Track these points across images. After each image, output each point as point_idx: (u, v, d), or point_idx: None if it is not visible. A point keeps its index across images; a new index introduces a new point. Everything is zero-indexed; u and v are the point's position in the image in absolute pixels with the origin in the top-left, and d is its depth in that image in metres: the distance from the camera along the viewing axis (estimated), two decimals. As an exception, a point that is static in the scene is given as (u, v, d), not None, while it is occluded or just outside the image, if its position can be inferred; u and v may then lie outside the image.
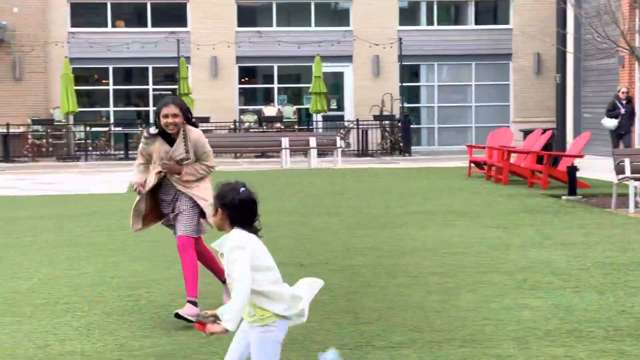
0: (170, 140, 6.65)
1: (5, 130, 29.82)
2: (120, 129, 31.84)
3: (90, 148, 31.40)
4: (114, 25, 33.87)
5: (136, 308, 7.15)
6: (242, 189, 4.14)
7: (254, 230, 4.15)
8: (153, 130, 6.82)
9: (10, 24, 31.70)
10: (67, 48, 32.26)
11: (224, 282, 6.47)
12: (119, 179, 21.49)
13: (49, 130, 31.39)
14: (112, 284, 8.22)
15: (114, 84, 34.50)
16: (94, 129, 32.23)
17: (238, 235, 4.11)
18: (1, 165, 28.70)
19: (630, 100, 22.28)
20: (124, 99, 35.96)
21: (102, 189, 19.56)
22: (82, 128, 31.97)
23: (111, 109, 34.67)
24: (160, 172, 6.66)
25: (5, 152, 29.99)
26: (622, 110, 21.57)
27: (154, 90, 34.60)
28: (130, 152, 30.40)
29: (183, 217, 6.57)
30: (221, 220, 4.25)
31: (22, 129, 30.87)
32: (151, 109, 33.73)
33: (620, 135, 21.12)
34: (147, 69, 34.34)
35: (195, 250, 6.66)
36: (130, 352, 5.69)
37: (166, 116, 6.51)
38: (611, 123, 21.50)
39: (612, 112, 21.64)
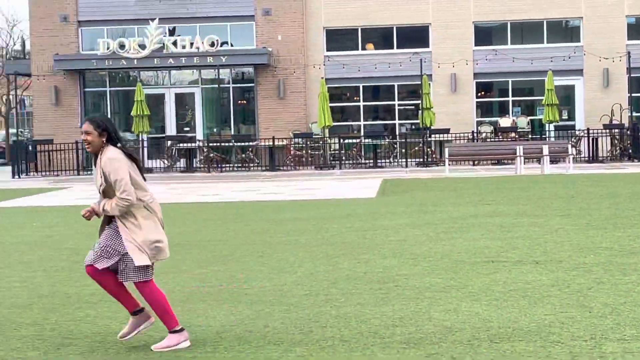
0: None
1: (271, 143, 32.37)
2: (369, 140, 33.11)
3: (343, 157, 33.13)
4: (363, 48, 35.72)
5: (386, 299, 7.47)
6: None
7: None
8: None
9: (275, 50, 34.20)
10: (323, 70, 34.23)
11: (133, 314, 6.07)
12: (369, 185, 23.11)
13: (308, 142, 33.62)
14: (364, 279, 8.61)
15: (364, 100, 36.53)
16: (346, 141, 33.96)
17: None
18: (268, 173, 30.87)
19: None
20: (372, 113, 37.71)
21: (354, 194, 20.65)
22: (336, 140, 33.48)
23: (361, 122, 36.64)
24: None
25: (272, 162, 32.43)
26: None
27: (399, 105, 36.65)
28: (378, 161, 32.14)
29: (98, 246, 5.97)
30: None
31: (285, 142, 33.33)
32: (397, 122, 35.78)
33: None
34: (393, 86, 36.16)
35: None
36: (382, 338, 5.96)
37: (82, 134, 6.09)
38: None
39: None
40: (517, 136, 32.04)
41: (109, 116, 37.59)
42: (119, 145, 5.87)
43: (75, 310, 7.31)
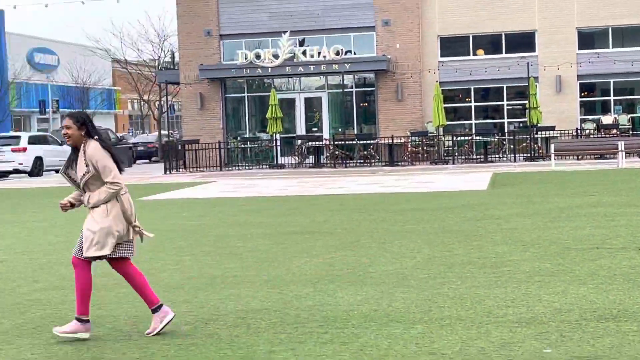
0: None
1: (390, 141, 33.68)
2: (480, 137, 34.74)
3: (456, 153, 34.47)
4: (475, 54, 37.61)
5: (499, 282, 7.60)
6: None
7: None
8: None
9: (394, 57, 36.27)
10: (437, 74, 35.53)
11: (153, 311, 6.19)
12: (480, 178, 23.65)
13: (423, 140, 34.72)
14: (478, 264, 8.80)
15: (475, 101, 38.25)
16: (459, 138, 35.23)
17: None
18: (387, 168, 32.23)
19: None
20: (482, 113, 39.16)
21: (467, 187, 20.92)
22: (449, 138, 35.06)
23: (472, 121, 38.26)
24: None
25: (391, 158, 33.77)
26: None
27: (507, 105, 38.05)
28: (488, 156, 33.13)
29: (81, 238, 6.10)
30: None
31: (403, 140, 34.51)
32: (505, 120, 36.83)
33: None
34: (502, 88, 37.57)
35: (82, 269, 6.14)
36: (496, 317, 6.09)
37: (62, 128, 6.43)
38: None
39: None
40: (618, 132, 33.13)
41: (246, 119, 38.98)
42: (96, 137, 6.04)
43: (221, 289, 7.67)
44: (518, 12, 36.17)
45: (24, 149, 36.06)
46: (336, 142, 35.07)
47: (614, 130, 33.66)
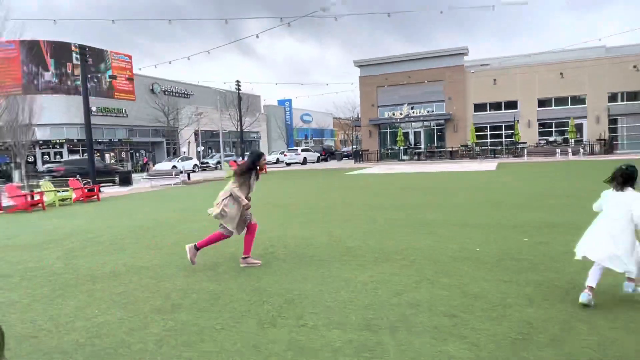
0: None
1: (451, 149, 42.20)
2: (492, 147, 42.83)
3: (480, 154, 41.37)
4: (490, 110, 45.66)
5: (496, 209, 9.41)
6: None
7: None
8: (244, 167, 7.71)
9: (454, 113, 45.55)
10: (472, 119, 45.49)
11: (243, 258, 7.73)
12: (491, 166, 26.42)
13: (466, 148, 42.93)
14: (487, 203, 11.01)
15: (490, 131, 46.04)
16: (482, 148, 42.67)
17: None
18: (449, 160, 38.43)
19: None
20: (493, 136, 46.27)
21: (486, 168, 22.64)
22: (478, 147, 42.53)
23: (488, 140, 45.60)
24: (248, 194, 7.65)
25: (451, 156, 40.89)
26: None
27: (505, 133, 45.36)
28: (496, 156, 40.91)
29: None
30: None
31: (457, 148, 43.06)
32: (503, 140, 45.29)
33: None
34: (501, 125, 45.97)
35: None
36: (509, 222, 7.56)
37: (264, 161, 7.69)
38: None
39: None
40: (557, 144, 39.16)
41: (387, 141, 51.45)
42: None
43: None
44: (509, 90, 46.75)
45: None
46: (428, 150, 46.44)
47: (555, 144, 42.24)
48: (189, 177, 30.53)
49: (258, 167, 7.69)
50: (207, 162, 52.59)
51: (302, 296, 6.28)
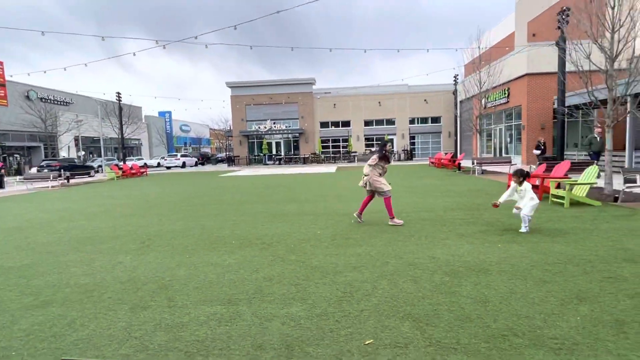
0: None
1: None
2: None
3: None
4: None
5: (474, 197, 9.25)
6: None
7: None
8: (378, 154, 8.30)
9: (305, 128, 45.82)
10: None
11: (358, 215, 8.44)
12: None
13: None
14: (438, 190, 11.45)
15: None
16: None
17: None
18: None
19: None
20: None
21: None
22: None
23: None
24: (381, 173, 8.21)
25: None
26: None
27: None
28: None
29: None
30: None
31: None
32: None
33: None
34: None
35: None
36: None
37: (390, 147, 8.14)
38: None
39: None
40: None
41: (255, 151, 46.30)
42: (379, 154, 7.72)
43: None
44: (344, 112, 47.55)
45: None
46: (286, 157, 46.40)
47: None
48: (68, 180, 27.93)
49: (386, 152, 8.32)
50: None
51: (173, 281, 6.06)
